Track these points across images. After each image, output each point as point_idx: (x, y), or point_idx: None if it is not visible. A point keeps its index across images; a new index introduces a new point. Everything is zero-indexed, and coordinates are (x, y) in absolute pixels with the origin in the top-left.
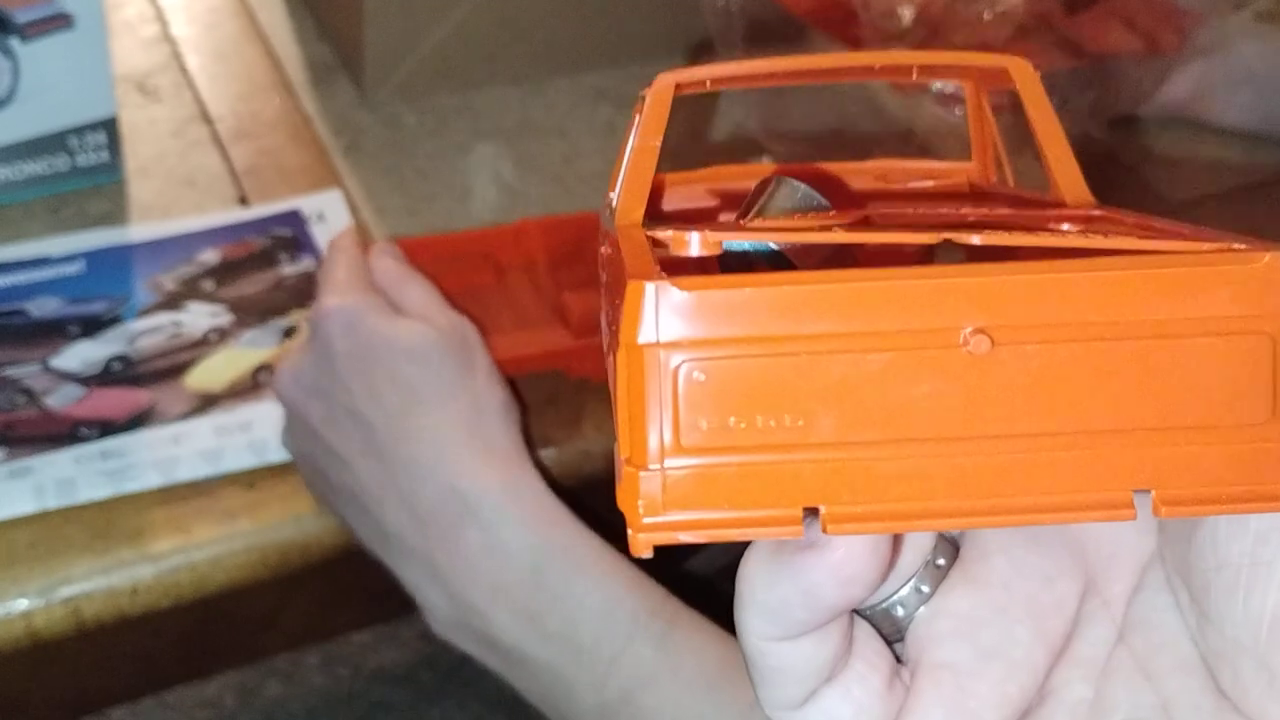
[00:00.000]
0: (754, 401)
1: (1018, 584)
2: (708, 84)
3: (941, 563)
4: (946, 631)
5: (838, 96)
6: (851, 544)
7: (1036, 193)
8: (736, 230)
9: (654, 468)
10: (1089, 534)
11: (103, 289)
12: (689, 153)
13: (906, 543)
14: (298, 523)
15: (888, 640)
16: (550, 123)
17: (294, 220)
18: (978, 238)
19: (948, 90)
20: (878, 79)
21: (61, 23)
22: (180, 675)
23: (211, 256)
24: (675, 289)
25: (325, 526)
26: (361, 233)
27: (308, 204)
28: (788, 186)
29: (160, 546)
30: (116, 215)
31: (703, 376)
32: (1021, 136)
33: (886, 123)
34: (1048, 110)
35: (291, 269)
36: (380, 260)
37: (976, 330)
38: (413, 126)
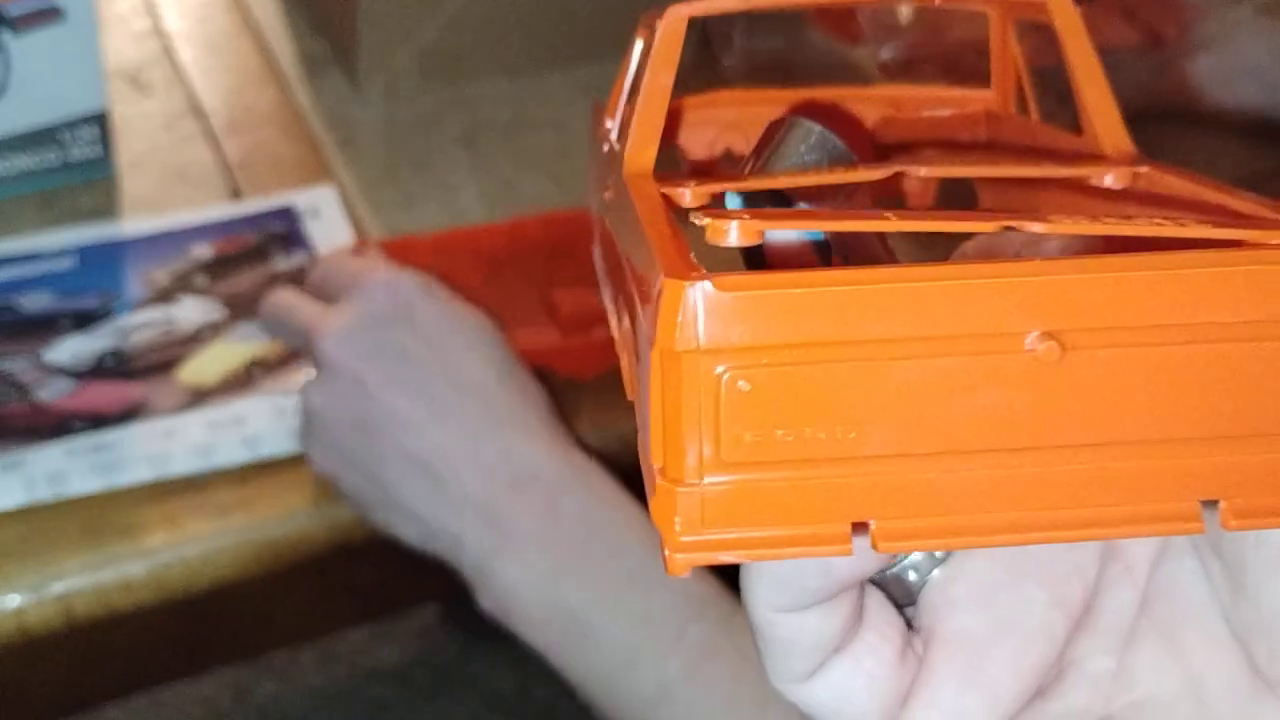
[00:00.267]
0: (803, 412)
1: (1035, 546)
2: (720, 12)
3: None
4: (961, 598)
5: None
6: None
7: (1065, 132)
8: (779, 218)
9: (692, 483)
10: None
11: (95, 284)
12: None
13: None
14: (291, 519)
15: (899, 606)
16: (545, 117)
17: (287, 216)
18: (1040, 226)
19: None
20: (899, 3)
21: (52, 16)
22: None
23: (205, 251)
24: (718, 290)
25: (319, 523)
26: (356, 227)
27: (301, 199)
28: (801, 129)
29: (152, 542)
30: (109, 210)
31: (748, 386)
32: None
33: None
34: (1087, 48)
35: (285, 264)
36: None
37: (1045, 334)
38: (407, 120)
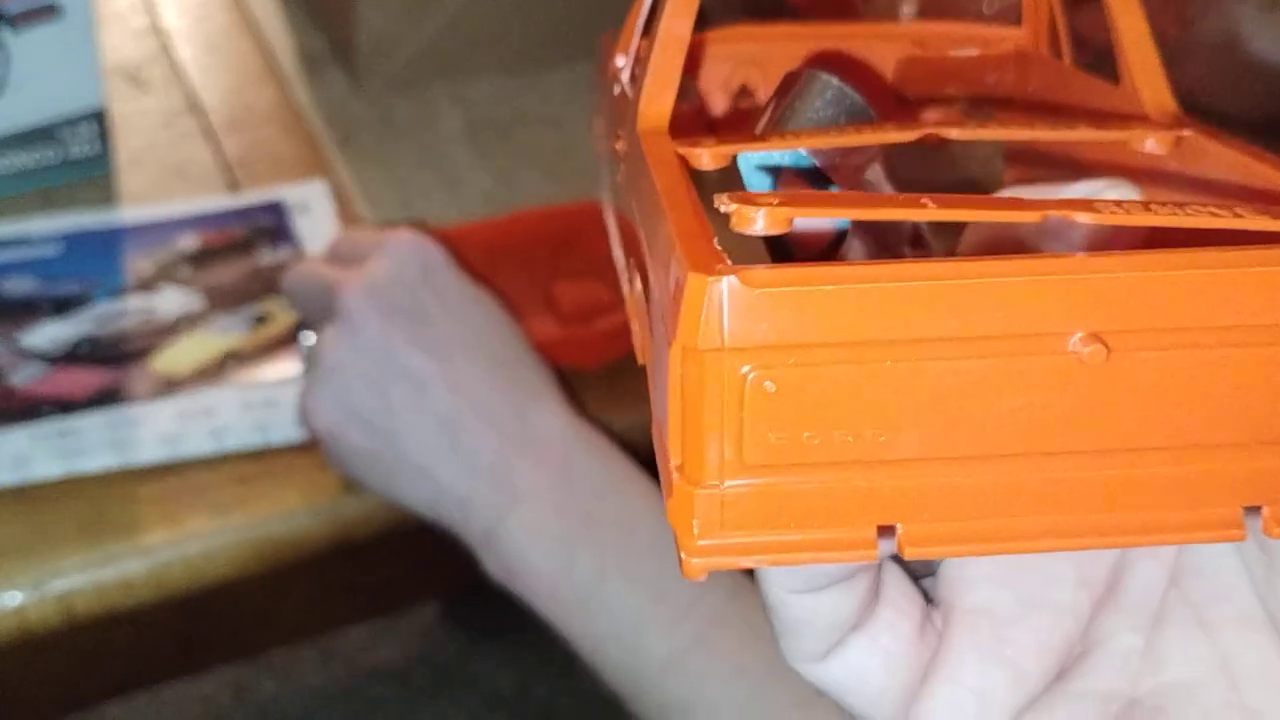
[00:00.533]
0: (832, 414)
1: None
2: None
3: None
4: (984, 572)
5: None
6: None
7: (1101, 81)
8: (808, 204)
9: (712, 485)
10: None
11: (78, 270)
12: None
13: None
14: (291, 518)
15: (917, 577)
16: (545, 113)
17: (276, 210)
18: (1087, 216)
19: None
20: None
21: (50, 13)
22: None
23: (191, 243)
24: (746, 286)
25: (319, 522)
26: (349, 223)
27: (292, 194)
28: (819, 82)
29: (152, 540)
30: (107, 207)
31: (774, 386)
32: None
33: None
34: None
35: (269, 258)
36: None
37: (1090, 336)
38: (406, 117)
